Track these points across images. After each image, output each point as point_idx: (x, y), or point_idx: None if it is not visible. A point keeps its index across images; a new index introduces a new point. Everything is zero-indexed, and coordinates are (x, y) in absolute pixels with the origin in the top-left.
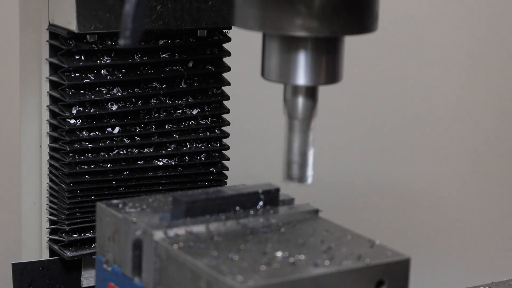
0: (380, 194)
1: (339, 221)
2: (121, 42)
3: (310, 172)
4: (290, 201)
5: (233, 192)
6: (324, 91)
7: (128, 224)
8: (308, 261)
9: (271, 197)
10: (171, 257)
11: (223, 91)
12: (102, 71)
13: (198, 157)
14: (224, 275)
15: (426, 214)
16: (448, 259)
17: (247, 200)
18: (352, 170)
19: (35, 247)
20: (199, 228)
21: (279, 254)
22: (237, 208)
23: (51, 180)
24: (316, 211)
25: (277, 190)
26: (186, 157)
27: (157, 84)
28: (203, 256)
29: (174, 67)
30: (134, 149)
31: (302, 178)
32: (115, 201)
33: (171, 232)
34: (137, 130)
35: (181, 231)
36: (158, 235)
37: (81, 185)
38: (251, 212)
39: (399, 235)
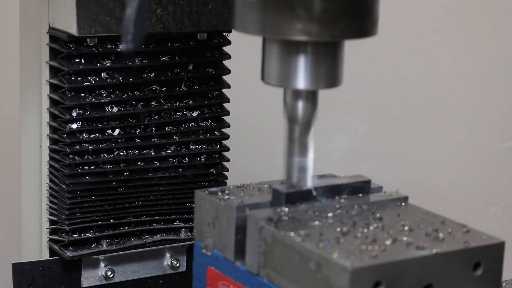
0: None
1: None
2: (123, 46)
3: (310, 175)
4: (379, 189)
5: (328, 181)
6: (324, 94)
7: (231, 209)
8: (410, 244)
9: (362, 185)
10: (278, 241)
11: (223, 94)
12: (102, 74)
13: (198, 159)
14: (335, 256)
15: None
16: None
17: (341, 189)
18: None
19: (35, 247)
20: (301, 214)
21: (382, 236)
22: (333, 196)
23: (51, 180)
24: (406, 198)
25: (369, 180)
26: (186, 159)
27: (157, 86)
28: (310, 239)
29: (174, 70)
30: (134, 151)
31: (302, 181)
32: (213, 189)
33: (275, 217)
34: (138, 132)
35: (284, 216)
36: (263, 219)
37: (81, 185)
38: (346, 199)
39: None
